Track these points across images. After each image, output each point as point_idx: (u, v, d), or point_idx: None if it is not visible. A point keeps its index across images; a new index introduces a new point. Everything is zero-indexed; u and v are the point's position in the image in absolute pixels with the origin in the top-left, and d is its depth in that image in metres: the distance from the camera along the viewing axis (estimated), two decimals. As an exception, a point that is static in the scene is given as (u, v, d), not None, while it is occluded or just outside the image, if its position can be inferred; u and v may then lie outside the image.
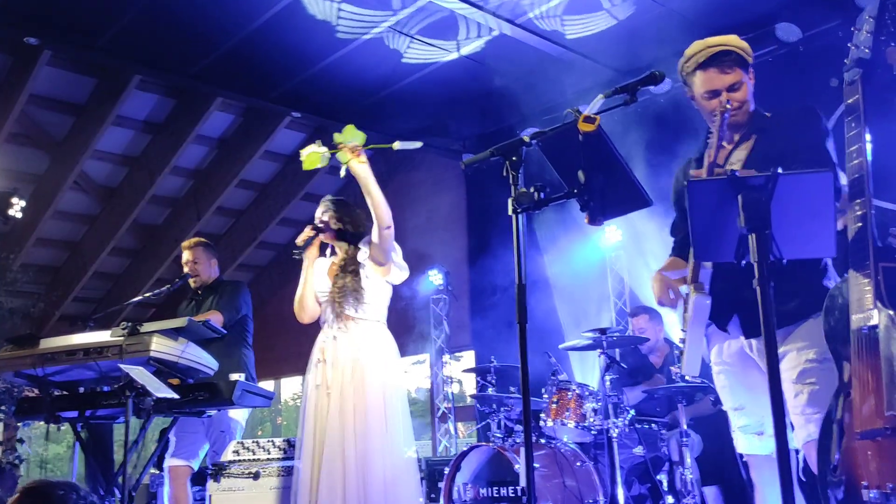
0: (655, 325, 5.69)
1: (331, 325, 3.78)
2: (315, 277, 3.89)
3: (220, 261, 5.23)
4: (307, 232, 3.86)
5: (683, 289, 2.56)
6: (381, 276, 3.77)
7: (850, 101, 2.17)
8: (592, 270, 7.17)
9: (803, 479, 2.42)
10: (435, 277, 8.74)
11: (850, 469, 2.02)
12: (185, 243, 5.08)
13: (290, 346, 10.80)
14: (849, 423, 2.03)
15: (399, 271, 3.78)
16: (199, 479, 5.06)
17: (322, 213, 3.93)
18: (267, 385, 10.62)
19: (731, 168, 2.51)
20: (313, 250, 3.93)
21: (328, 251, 3.99)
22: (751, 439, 2.56)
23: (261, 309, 10.73)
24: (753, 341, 2.49)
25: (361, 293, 3.71)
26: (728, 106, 2.41)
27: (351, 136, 3.52)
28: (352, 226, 3.88)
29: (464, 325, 8.66)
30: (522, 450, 4.84)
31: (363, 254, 3.78)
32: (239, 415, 4.79)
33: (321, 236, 3.88)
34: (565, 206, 2.36)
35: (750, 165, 2.46)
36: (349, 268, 3.77)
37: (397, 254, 3.75)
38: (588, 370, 6.99)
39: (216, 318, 4.67)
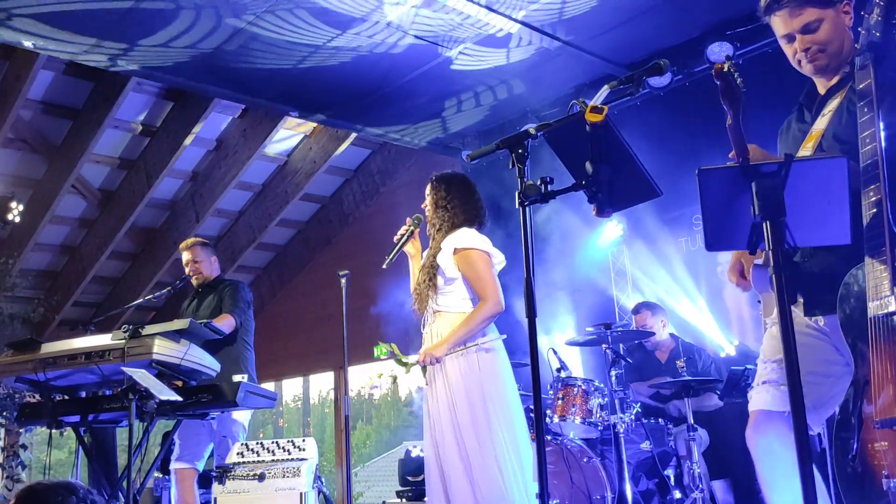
0: (658, 321, 5.65)
1: (425, 321, 3.67)
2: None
3: (218, 259, 5.23)
4: (402, 229, 3.73)
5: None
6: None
7: (861, 87, 2.13)
8: (593, 266, 7.14)
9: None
10: (436, 276, 8.69)
11: (868, 459, 1.99)
12: (183, 244, 5.11)
13: (290, 348, 10.78)
14: (867, 413, 2.00)
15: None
16: (204, 481, 5.04)
17: (426, 195, 3.75)
18: (268, 386, 10.60)
19: (824, 117, 2.37)
20: (415, 244, 3.79)
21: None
22: (773, 392, 2.37)
23: (261, 310, 10.69)
24: (821, 319, 2.34)
25: (435, 287, 3.54)
26: (726, 66, 2.13)
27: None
28: (448, 209, 3.63)
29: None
30: (532, 446, 4.81)
31: (443, 256, 3.54)
32: (242, 417, 4.77)
33: (415, 232, 3.73)
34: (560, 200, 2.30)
35: (834, 122, 2.32)
36: (429, 261, 3.60)
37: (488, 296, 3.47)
38: (575, 365, 6.96)
39: (228, 322, 4.65)
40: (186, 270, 5.05)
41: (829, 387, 2.32)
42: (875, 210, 2.00)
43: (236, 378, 3.91)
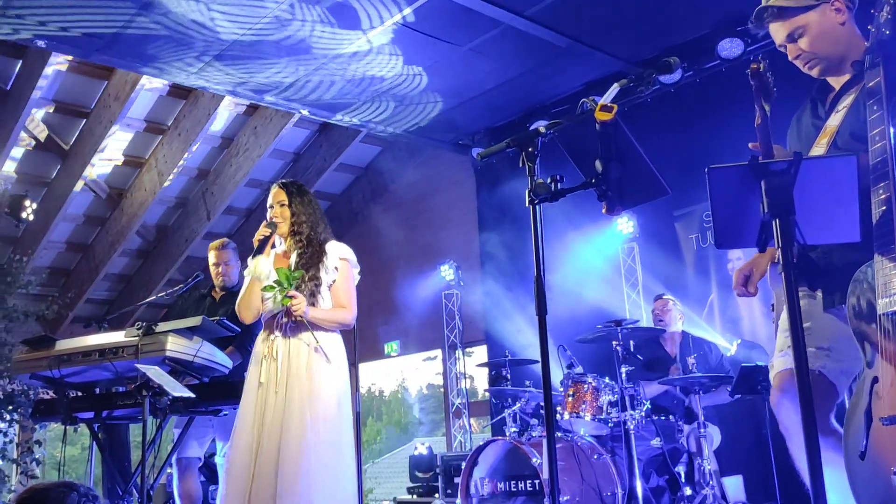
0: (677, 311, 5.67)
1: (279, 322, 3.47)
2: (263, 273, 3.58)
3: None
4: (262, 230, 3.57)
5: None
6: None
7: (870, 84, 2.13)
8: (604, 263, 7.14)
9: None
10: (446, 272, 8.73)
11: (877, 455, 2.00)
12: (214, 244, 4.81)
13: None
14: (876, 410, 2.01)
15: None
16: (213, 475, 5.07)
17: (278, 201, 3.61)
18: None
19: (838, 113, 2.33)
20: (267, 249, 3.64)
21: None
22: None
23: (272, 307, 10.73)
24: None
25: (315, 295, 3.44)
26: (761, 66, 2.16)
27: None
28: (312, 219, 3.58)
29: (476, 320, 8.65)
30: (543, 443, 4.83)
31: (328, 265, 3.50)
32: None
33: (272, 237, 3.59)
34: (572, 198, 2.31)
35: (850, 119, 2.27)
36: (300, 268, 3.48)
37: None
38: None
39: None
40: (213, 271, 4.76)
41: (853, 359, 2.29)
42: (884, 208, 2.01)
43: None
